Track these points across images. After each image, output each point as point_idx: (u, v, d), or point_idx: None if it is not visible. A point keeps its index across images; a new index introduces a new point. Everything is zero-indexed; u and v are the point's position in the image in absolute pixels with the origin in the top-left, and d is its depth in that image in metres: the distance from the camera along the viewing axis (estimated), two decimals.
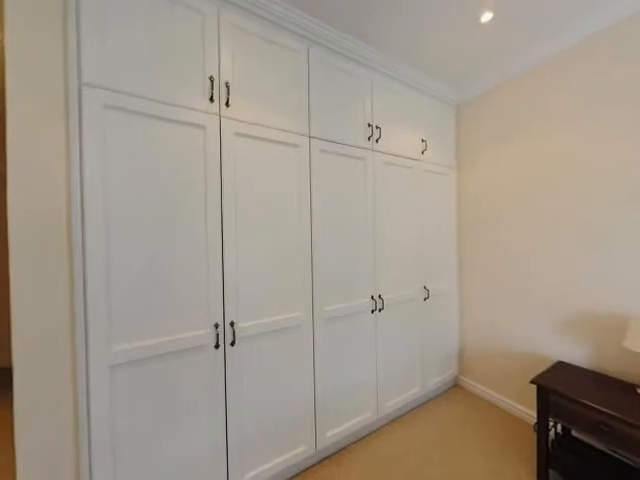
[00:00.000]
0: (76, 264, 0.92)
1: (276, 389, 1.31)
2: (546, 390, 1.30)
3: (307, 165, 1.39)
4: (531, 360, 1.73)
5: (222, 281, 1.16)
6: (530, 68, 1.71)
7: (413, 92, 1.89)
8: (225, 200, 1.17)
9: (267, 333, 1.28)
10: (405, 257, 1.83)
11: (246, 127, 1.22)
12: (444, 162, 2.08)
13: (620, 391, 1.23)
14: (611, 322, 1.40)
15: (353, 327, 1.57)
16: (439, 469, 1.42)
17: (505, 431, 1.68)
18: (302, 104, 1.38)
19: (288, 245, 1.34)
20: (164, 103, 1.04)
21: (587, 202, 1.49)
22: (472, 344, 2.11)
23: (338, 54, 1.53)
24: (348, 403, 1.55)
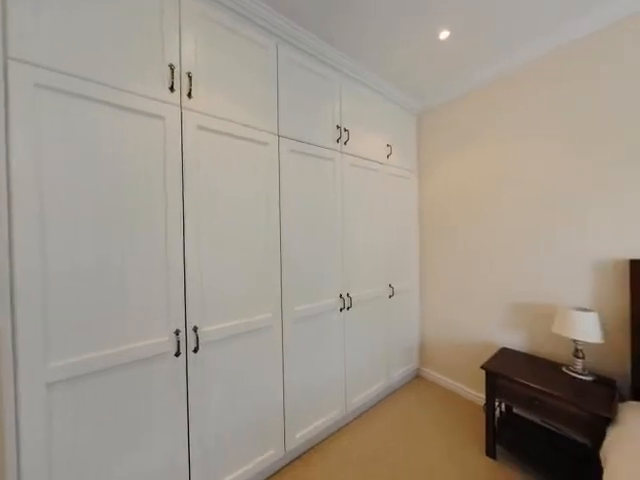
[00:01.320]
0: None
1: (244, 393, 1.26)
2: (492, 374, 1.46)
3: (276, 164, 1.37)
4: (481, 348, 1.93)
5: (184, 284, 1.08)
6: (482, 84, 1.90)
7: (380, 98, 1.97)
8: (187, 197, 1.09)
9: (235, 336, 1.23)
10: (372, 256, 1.90)
11: (211, 121, 1.16)
12: (407, 167, 2.21)
13: (549, 370, 1.43)
14: (542, 312, 1.62)
15: (322, 326, 1.58)
16: (403, 456, 1.50)
17: (460, 414, 1.84)
18: (271, 102, 1.36)
19: (256, 245, 1.30)
20: (114, 88, 0.94)
21: (523, 208, 1.70)
22: (431, 337, 2.28)
23: (309, 55, 1.53)
24: (317, 402, 1.57)
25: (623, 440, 0.99)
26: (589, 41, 1.44)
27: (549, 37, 1.54)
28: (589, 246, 1.45)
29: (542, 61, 1.61)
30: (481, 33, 1.52)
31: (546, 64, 1.60)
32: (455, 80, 1.97)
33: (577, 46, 1.48)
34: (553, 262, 1.58)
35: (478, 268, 1.94)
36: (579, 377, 1.34)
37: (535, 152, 1.66)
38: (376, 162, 1.92)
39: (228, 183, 1.22)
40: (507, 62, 1.73)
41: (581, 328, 1.30)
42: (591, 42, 1.43)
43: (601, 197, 1.41)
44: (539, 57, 1.62)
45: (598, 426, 1.12)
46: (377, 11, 1.36)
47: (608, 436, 1.06)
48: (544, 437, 1.45)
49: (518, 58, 1.68)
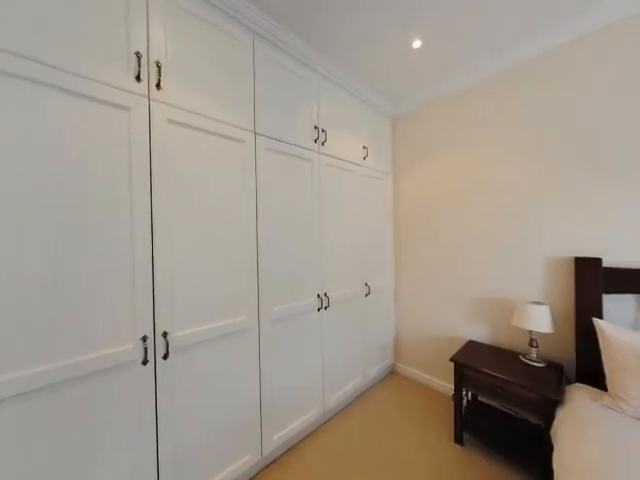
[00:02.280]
0: None
1: (219, 399, 1.22)
2: (460, 365, 1.56)
3: (253, 162, 1.34)
4: (450, 342, 2.05)
5: (152, 287, 1.02)
6: (453, 93, 2.02)
7: (356, 101, 2.01)
8: (157, 194, 1.03)
9: (209, 340, 1.18)
10: (349, 256, 1.93)
11: (183, 115, 1.10)
12: (382, 169, 2.28)
13: (509, 359, 1.56)
14: (503, 306, 1.76)
15: (300, 326, 1.58)
16: (378, 450, 1.54)
17: (432, 405, 1.94)
18: (247, 98, 1.33)
19: (233, 245, 1.26)
20: (68, 72, 0.86)
21: (488, 211, 1.84)
22: (405, 333, 2.37)
23: (287, 54, 1.51)
24: (295, 402, 1.56)
25: (569, 419, 1.11)
26: (542, 59, 1.59)
27: (509, 53, 1.67)
28: (543, 246, 1.61)
29: (502, 75, 1.75)
30: (451, 45, 1.61)
31: (506, 79, 1.74)
32: (428, 87, 2.07)
33: (531, 64, 1.63)
34: (513, 261, 1.73)
35: (448, 267, 2.06)
36: (533, 364, 1.48)
37: (499, 159, 1.79)
38: (353, 163, 1.96)
39: (202, 180, 1.17)
40: (474, 74, 1.85)
41: (535, 320, 1.44)
42: (543, 61, 1.58)
43: (552, 202, 1.57)
44: (500, 71, 1.76)
45: (549, 408, 1.24)
46: (352, 16, 1.38)
47: (557, 416, 1.19)
48: (505, 421, 1.58)
49: (483, 71, 1.81)
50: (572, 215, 1.50)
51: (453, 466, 1.43)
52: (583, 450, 0.94)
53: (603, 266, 1.36)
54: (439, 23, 1.44)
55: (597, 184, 1.42)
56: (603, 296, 1.35)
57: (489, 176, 1.83)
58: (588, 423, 1.04)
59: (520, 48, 1.62)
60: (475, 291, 1.91)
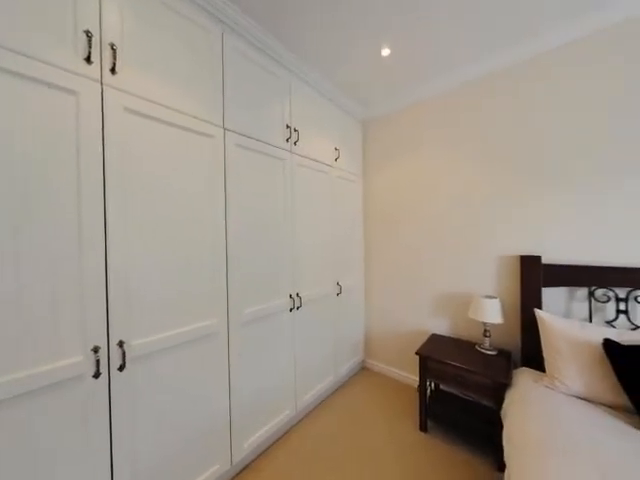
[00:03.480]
0: None
1: (185, 409, 1.15)
2: (424, 358, 1.66)
3: (222, 158, 1.29)
4: (416, 336, 2.17)
5: (105, 293, 0.92)
6: (419, 101, 2.13)
7: (328, 103, 2.03)
8: (111, 190, 0.94)
9: (173, 347, 1.11)
10: (321, 256, 1.95)
11: (143, 104, 1.02)
12: (353, 170, 2.33)
13: (467, 349, 1.70)
14: (462, 301, 1.92)
15: (272, 327, 1.55)
16: (349, 445, 1.58)
17: (399, 397, 2.04)
18: (216, 92, 1.27)
19: (199, 246, 1.20)
20: None
21: (450, 213, 1.98)
22: (375, 330, 2.46)
23: (258, 49, 1.47)
24: (267, 405, 1.53)
25: (515, 400, 1.25)
26: (495, 76, 1.76)
27: (467, 68, 1.82)
28: (495, 245, 1.78)
29: (462, 88, 1.90)
30: (417, 56, 1.70)
31: (464, 91, 1.89)
32: (396, 95, 2.17)
33: (485, 80, 1.79)
34: (470, 259, 1.89)
35: (413, 265, 2.18)
36: (487, 352, 1.63)
37: (458, 166, 1.94)
38: (325, 164, 1.98)
39: (166, 175, 1.09)
40: (437, 86, 1.98)
41: (488, 312, 1.59)
42: (496, 77, 1.75)
43: (502, 206, 1.75)
44: (460, 84, 1.90)
45: (500, 391, 1.38)
46: (322, 19, 1.40)
47: (506, 398, 1.32)
48: (464, 407, 1.72)
49: (445, 84, 1.94)
50: (518, 218, 1.69)
51: (418, 452, 1.52)
52: (526, 426, 1.06)
53: (542, 263, 1.55)
54: (407, 34, 1.51)
55: (535, 192, 1.62)
56: (542, 289, 1.54)
57: (449, 181, 1.98)
58: (530, 402, 1.18)
59: (476, 65, 1.78)
60: (438, 288, 2.04)
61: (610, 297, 1.38)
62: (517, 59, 1.66)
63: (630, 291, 1.33)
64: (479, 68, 1.78)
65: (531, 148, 1.64)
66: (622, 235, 1.38)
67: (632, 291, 1.33)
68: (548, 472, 0.83)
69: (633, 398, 1.04)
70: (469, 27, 1.46)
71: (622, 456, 0.87)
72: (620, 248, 1.38)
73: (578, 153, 1.49)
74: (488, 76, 1.78)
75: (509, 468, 0.96)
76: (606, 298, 1.38)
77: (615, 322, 1.36)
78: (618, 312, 1.36)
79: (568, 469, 0.83)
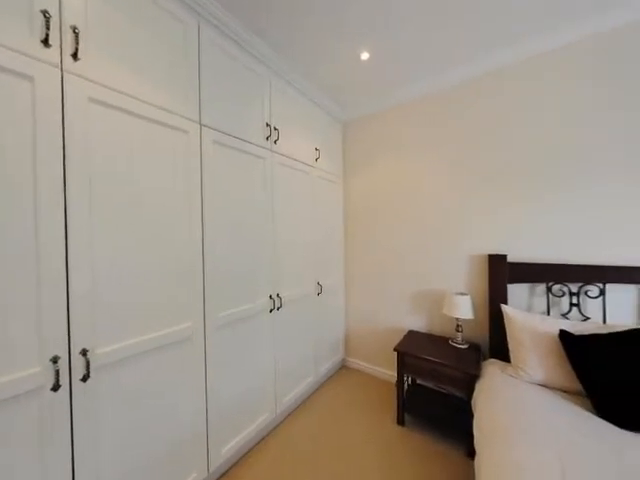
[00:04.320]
0: None
1: (158, 418, 1.09)
2: (402, 354, 1.72)
3: (198, 155, 1.24)
4: (394, 333, 2.23)
5: (67, 297, 0.85)
6: (398, 103, 2.19)
7: (309, 103, 2.03)
8: (73, 187, 0.87)
9: (144, 353, 1.04)
10: (302, 256, 1.94)
11: (110, 94, 0.95)
12: (334, 171, 2.35)
13: (441, 344, 1.79)
14: (436, 298, 2.01)
15: (251, 329, 1.52)
16: (331, 444, 1.59)
17: (378, 393, 2.08)
18: (192, 86, 1.22)
19: (173, 246, 1.14)
20: None
21: (426, 214, 2.07)
22: (355, 328, 2.50)
23: (237, 44, 1.43)
24: (246, 409, 1.49)
25: (483, 389, 1.33)
26: (462, 87, 1.87)
27: (443, 76, 1.91)
28: (467, 245, 1.88)
29: (439, 94, 1.99)
30: (395, 61, 1.76)
31: (439, 98, 1.98)
32: (375, 97, 2.22)
33: (455, 90, 1.90)
34: (445, 258, 1.98)
35: (390, 264, 2.25)
36: (459, 346, 1.73)
37: (433, 169, 2.03)
38: (306, 164, 1.98)
39: (137, 172, 1.02)
40: (415, 90, 2.06)
41: (460, 308, 1.68)
42: (461, 89, 1.86)
43: (473, 208, 1.86)
44: (438, 90, 1.99)
45: (471, 382, 1.46)
46: (304, 19, 1.40)
47: (476, 388, 1.41)
48: (439, 399, 1.80)
49: (421, 89, 2.03)
50: (487, 220, 1.80)
51: (395, 445, 1.57)
52: (493, 414, 1.13)
53: (508, 261, 1.67)
54: (384, 42, 1.55)
55: (503, 196, 1.74)
56: (508, 286, 1.66)
57: (424, 184, 2.06)
58: (496, 391, 1.27)
59: (451, 74, 1.87)
60: (414, 286, 2.12)
61: (565, 292, 1.51)
62: (488, 70, 1.77)
63: (581, 286, 1.48)
64: (453, 77, 1.88)
65: (498, 156, 1.76)
66: (575, 236, 1.52)
67: (583, 286, 1.47)
68: (512, 456, 0.90)
69: (584, 383, 1.15)
70: (443, 40, 1.54)
71: (575, 437, 0.96)
72: (573, 248, 1.53)
73: (539, 163, 1.63)
74: (459, 86, 1.89)
75: (479, 454, 1.02)
76: (561, 293, 1.52)
77: (569, 314, 1.50)
78: (571, 305, 1.50)
79: (529, 452, 0.90)
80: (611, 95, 1.43)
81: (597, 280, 1.42)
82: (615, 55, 1.42)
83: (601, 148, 1.46)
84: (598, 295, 1.43)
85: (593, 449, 0.90)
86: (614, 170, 1.43)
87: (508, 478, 0.82)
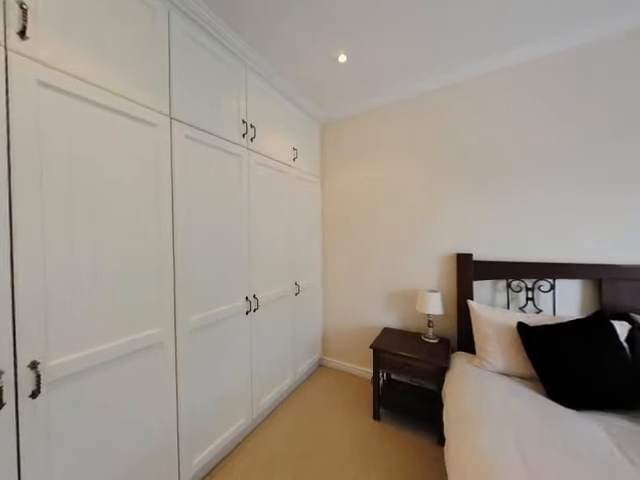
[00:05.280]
0: None
1: (121, 434, 1.01)
2: (377, 350, 1.77)
3: (168, 150, 1.17)
4: (370, 331, 2.29)
5: (12, 303, 0.76)
6: (373, 107, 2.25)
7: (287, 102, 2.01)
8: (20, 179, 0.77)
9: (108, 363, 0.97)
10: (279, 256, 1.92)
11: (63, 79, 0.86)
12: (311, 171, 2.36)
13: (414, 340, 1.87)
14: (410, 295, 2.10)
15: (227, 332, 1.47)
16: (308, 443, 1.59)
17: (355, 391, 2.13)
18: (161, 77, 1.15)
19: (140, 245, 1.07)
20: None
21: (400, 215, 2.15)
22: (332, 327, 2.53)
23: (211, 37, 1.37)
24: (221, 415, 1.44)
25: (452, 380, 1.42)
26: (431, 95, 1.97)
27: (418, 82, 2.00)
28: (438, 245, 1.99)
29: (414, 100, 2.08)
30: (371, 66, 1.80)
31: (414, 103, 2.07)
32: (353, 99, 2.26)
33: (425, 97, 2.00)
34: (417, 257, 2.07)
35: (367, 263, 2.30)
36: (430, 341, 1.82)
37: (408, 172, 2.12)
38: (283, 163, 1.96)
39: (97, 164, 0.94)
40: (390, 96, 2.13)
41: (431, 305, 1.77)
42: (433, 95, 1.97)
43: (444, 210, 1.97)
44: (416, 95, 2.08)
45: (441, 374, 1.55)
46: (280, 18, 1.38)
47: (445, 380, 1.49)
48: (413, 393, 1.88)
49: (396, 94, 2.10)
50: (455, 221, 1.92)
51: (371, 440, 1.61)
52: (459, 402, 1.21)
53: (473, 260, 1.79)
54: (362, 43, 1.59)
55: (468, 199, 1.86)
56: (473, 283, 1.78)
57: (399, 186, 2.15)
58: (463, 381, 1.36)
59: (422, 81, 1.96)
60: (389, 284, 2.20)
61: (522, 287, 1.66)
62: (454, 80, 1.88)
63: (535, 282, 1.63)
64: (424, 85, 1.97)
65: (463, 163, 1.88)
66: (530, 237, 1.68)
67: (536, 282, 1.63)
68: (475, 440, 0.97)
69: (537, 368, 1.28)
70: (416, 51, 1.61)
71: (528, 418, 1.05)
72: (529, 247, 1.68)
73: (499, 170, 1.77)
74: (430, 93, 1.99)
75: (447, 441, 1.09)
76: (519, 288, 1.67)
77: (525, 308, 1.65)
78: (527, 299, 1.65)
79: (491, 435, 0.97)
80: (560, 111, 1.60)
81: (548, 276, 1.58)
82: (562, 76, 1.58)
83: (551, 159, 1.62)
84: (549, 290, 1.59)
85: (543, 428, 0.99)
86: (562, 178, 1.60)
87: (472, 462, 0.88)
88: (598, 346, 1.20)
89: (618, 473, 0.82)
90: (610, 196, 1.49)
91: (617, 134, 1.47)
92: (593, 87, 1.52)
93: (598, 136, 1.51)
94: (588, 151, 1.53)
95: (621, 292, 1.43)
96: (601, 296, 1.47)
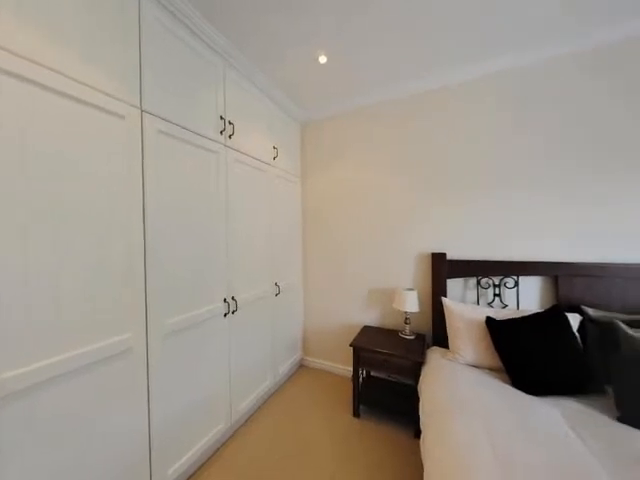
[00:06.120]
0: None
1: (86, 452, 0.93)
2: (357, 348, 1.80)
3: (139, 144, 1.10)
4: (350, 329, 2.33)
5: None
6: (352, 109, 2.28)
7: (267, 100, 1.98)
8: None
9: (69, 375, 0.89)
10: (259, 256, 1.89)
11: (14, 61, 0.78)
12: (292, 170, 2.34)
13: (392, 337, 1.93)
14: (388, 294, 2.16)
15: (204, 336, 1.42)
16: (289, 444, 1.58)
17: (336, 390, 2.14)
18: (130, 67, 1.08)
19: (106, 244, 1.00)
20: None
21: (378, 215, 2.20)
22: (312, 327, 2.53)
23: (187, 28, 1.31)
24: (197, 422, 1.39)
25: (427, 374, 1.48)
26: (410, 100, 2.05)
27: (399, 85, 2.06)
28: (414, 245, 2.06)
29: (387, 105, 2.14)
30: (352, 69, 1.83)
31: (394, 106, 2.13)
32: (333, 101, 2.27)
33: (403, 101, 2.07)
34: (395, 256, 2.14)
35: (347, 262, 2.34)
36: (407, 338, 1.88)
37: (385, 173, 2.18)
38: (263, 162, 1.92)
39: (55, 158, 0.86)
40: (369, 99, 2.17)
41: (408, 303, 1.83)
42: (412, 101, 2.04)
43: (420, 211, 2.05)
44: (389, 100, 2.14)
45: (417, 369, 1.61)
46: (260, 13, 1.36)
47: (421, 374, 1.55)
48: (392, 389, 1.93)
49: (376, 97, 2.15)
50: (430, 222, 2.01)
51: (350, 437, 1.64)
52: (434, 395, 1.27)
53: (447, 259, 1.88)
54: (341, 45, 1.60)
55: (442, 202, 1.96)
56: (447, 280, 1.87)
57: (377, 187, 2.20)
58: (437, 374, 1.42)
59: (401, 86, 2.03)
60: (369, 283, 2.25)
61: (490, 284, 1.78)
62: (432, 87, 1.97)
63: (502, 279, 1.75)
64: (403, 89, 2.04)
65: (438, 168, 1.97)
66: (497, 236, 1.80)
67: (503, 279, 1.75)
68: (448, 430, 1.02)
69: (503, 360, 1.37)
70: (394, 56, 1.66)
71: (495, 406, 1.13)
72: (496, 246, 1.80)
73: (469, 174, 1.87)
74: (408, 98, 2.06)
75: (423, 433, 1.13)
76: (488, 285, 1.78)
77: (493, 303, 1.77)
78: (495, 295, 1.76)
79: (463, 424, 1.03)
80: (520, 122, 1.73)
81: (513, 273, 1.71)
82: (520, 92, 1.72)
83: (516, 167, 1.75)
84: (513, 286, 1.72)
85: (509, 417, 1.07)
86: (526, 185, 1.73)
87: (446, 454, 0.92)
88: (554, 337, 1.31)
89: (571, 452, 0.90)
90: (566, 201, 1.64)
91: (573, 146, 1.62)
92: (545, 101, 1.66)
93: (551, 147, 1.66)
94: (548, 161, 1.68)
95: (574, 287, 1.57)
96: (557, 291, 1.61)
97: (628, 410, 1.06)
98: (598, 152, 1.57)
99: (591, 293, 1.54)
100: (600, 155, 1.56)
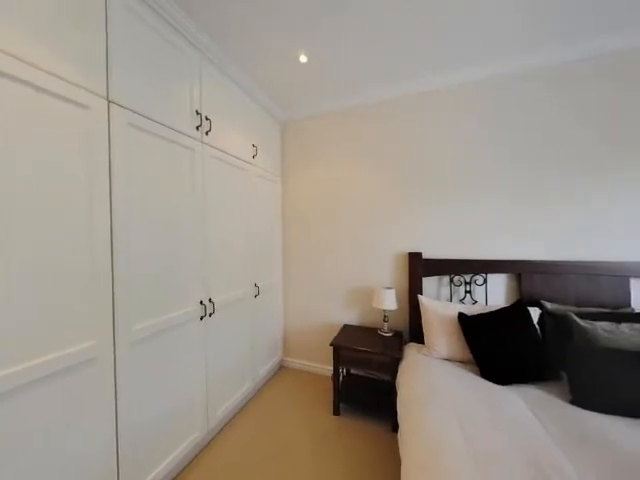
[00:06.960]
0: None
1: (41, 468, 0.85)
2: (337, 347, 1.82)
3: (105, 137, 1.03)
4: (330, 329, 2.34)
5: None
6: (333, 110, 2.30)
7: (247, 98, 1.94)
8: None
9: (21, 388, 0.80)
10: (238, 257, 1.84)
11: None
12: (272, 170, 2.31)
13: (371, 335, 1.97)
14: (367, 292, 2.20)
15: (178, 340, 1.36)
16: (269, 446, 1.56)
17: (316, 389, 2.15)
18: (95, 53, 1.00)
19: (68, 245, 0.92)
20: None
21: (357, 215, 2.24)
22: (292, 328, 2.52)
23: (159, 16, 1.24)
24: (172, 430, 1.32)
25: (404, 369, 1.53)
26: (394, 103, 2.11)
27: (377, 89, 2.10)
28: (392, 245, 2.13)
29: (375, 106, 2.19)
30: (333, 69, 1.84)
31: (375, 109, 2.18)
32: (314, 102, 2.28)
33: (382, 104, 2.13)
34: (374, 256, 2.19)
35: (327, 262, 2.35)
36: (386, 335, 1.94)
37: (364, 175, 2.22)
38: (242, 160, 1.88)
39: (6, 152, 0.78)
40: (346, 101, 2.20)
41: (386, 301, 1.89)
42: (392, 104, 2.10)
43: (396, 212, 2.11)
44: (369, 103, 2.18)
45: (395, 365, 1.66)
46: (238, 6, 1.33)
47: (399, 369, 1.61)
48: (371, 385, 1.98)
49: (356, 99, 2.18)
50: (407, 223, 2.08)
51: (330, 435, 1.65)
52: (410, 389, 1.32)
53: (423, 258, 1.96)
54: (321, 46, 1.61)
55: (419, 203, 2.04)
56: (423, 279, 1.95)
57: (356, 189, 2.24)
58: (413, 368, 1.48)
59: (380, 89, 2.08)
60: (348, 283, 2.28)
61: (462, 282, 1.88)
62: (410, 92, 2.04)
63: (472, 276, 1.86)
64: (384, 92, 2.09)
65: (414, 171, 2.05)
66: (468, 237, 1.91)
67: (473, 276, 1.86)
68: (423, 421, 1.06)
69: (473, 353, 1.46)
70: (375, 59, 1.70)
71: (465, 397, 1.20)
72: (466, 246, 1.91)
73: (443, 178, 1.97)
74: (392, 100, 2.11)
75: (400, 426, 1.17)
76: (460, 282, 1.88)
77: (464, 300, 1.87)
78: (466, 292, 1.87)
79: (436, 415, 1.08)
80: (491, 128, 1.85)
81: (482, 271, 1.82)
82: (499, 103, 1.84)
83: (485, 170, 1.87)
84: (482, 283, 1.83)
85: (479, 406, 1.14)
86: (494, 189, 1.85)
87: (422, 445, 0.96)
88: (518, 330, 1.42)
89: (531, 434, 0.98)
90: (529, 204, 1.78)
91: (535, 153, 1.76)
92: (513, 111, 1.79)
93: (520, 153, 1.79)
94: (513, 166, 1.81)
95: (535, 283, 1.71)
96: (521, 287, 1.74)
97: (579, 394, 1.17)
98: (550, 160, 1.72)
99: (549, 288, 1.68)
100: (555, 162, 1.72)
